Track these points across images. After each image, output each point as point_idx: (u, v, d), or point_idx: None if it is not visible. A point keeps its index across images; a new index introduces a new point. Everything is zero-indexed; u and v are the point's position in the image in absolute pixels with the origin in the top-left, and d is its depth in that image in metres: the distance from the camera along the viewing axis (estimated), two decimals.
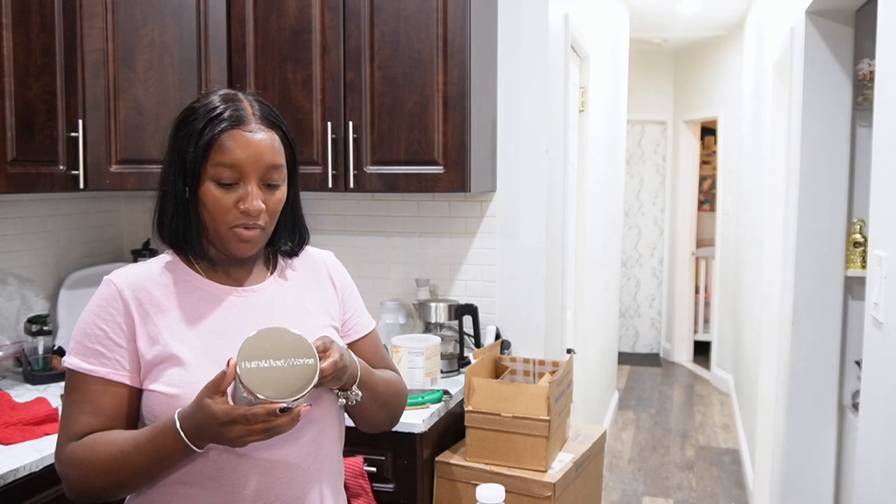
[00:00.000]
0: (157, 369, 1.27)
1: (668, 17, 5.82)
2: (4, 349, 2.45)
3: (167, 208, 1.32)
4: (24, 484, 1.78)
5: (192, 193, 1.29)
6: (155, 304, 1.30)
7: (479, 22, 2.50)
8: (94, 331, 1.28)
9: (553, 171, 2.90)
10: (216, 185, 1.27)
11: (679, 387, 6.55)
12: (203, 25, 2.50)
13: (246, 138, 1.27)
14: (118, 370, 1.27)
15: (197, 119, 1.28)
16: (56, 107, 2.30)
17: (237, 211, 1.28)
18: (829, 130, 2.84)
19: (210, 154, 1.26)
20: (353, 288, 1.56)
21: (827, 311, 2.90)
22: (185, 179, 1.28)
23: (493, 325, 2.75)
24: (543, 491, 2.09)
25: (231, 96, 1.31)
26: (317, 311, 1.44)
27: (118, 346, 1.27)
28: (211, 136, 1.26)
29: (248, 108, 1.30)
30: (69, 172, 2.35)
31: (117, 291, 1.29)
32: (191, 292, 1.33)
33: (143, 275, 1.33)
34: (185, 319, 1.30)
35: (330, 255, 1.55)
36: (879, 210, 1.78)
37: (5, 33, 2.10)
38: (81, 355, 1.27)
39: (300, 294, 1.43)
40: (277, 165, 1.31)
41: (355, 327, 1.52)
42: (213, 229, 1.30)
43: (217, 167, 1.26)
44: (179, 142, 1.29)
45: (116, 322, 1.27)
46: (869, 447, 1.80)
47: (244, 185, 1.28)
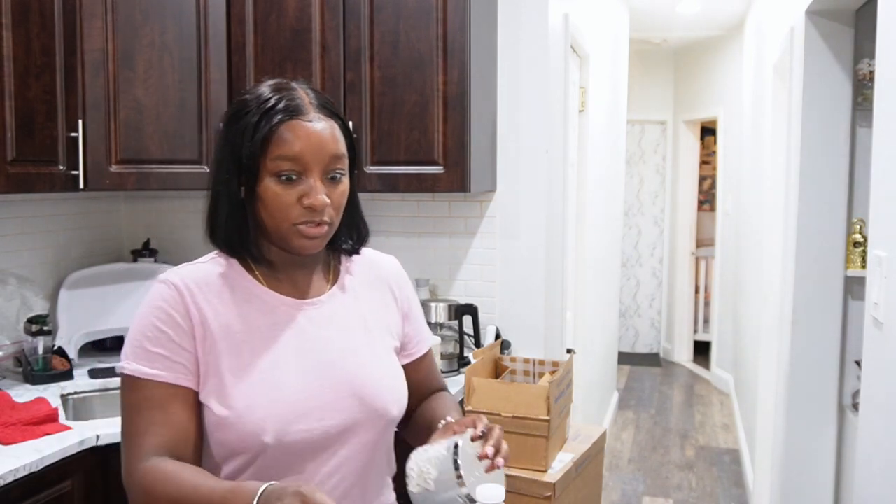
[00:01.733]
0: (211, 383, 1.19)
1: (668, 17, 5.82)
2: (4, 349, 2.45)
3: (221, 209, 1.22)
4: (24, 484, 1.78)
5: (249, 192, 1.20)
6: (212, 309, 1.22)
7: (479, 22, 2.50)
8: (155, 333, 1.19)
9: (553, 170, 2.90)
10: (276, 181, 1.18)
11: (679, 387, 6.55)
12: (203, 25, 2.50)
13: (306, 128, 1.18)
14: (185, 374, 1.19)
15: (250, 112, 1.19)
16: (56, 107, 2.29)
17: (300, 207, 1.18)
18: (828, 130, 2.84)
19: (268, 147, 1.17)
20: (416, 301, 1.46)
21: (827, 310, 2.90)
22: (241, 177, 1.19)
23: (493, 325, 2.75)
24: (543, 491, 2.09)
25: (284, 85, 1.23)
26: (376, 328, 1.34)
27: (182, 349, 1.19)
28: (268, 128, 1.17)
29: (304, 96, 1.21)
30: (69, 172, 2.35)
31: (177, 292, 1.21)
32: (249, 301, 1.24)
33: (200, 277, 1.24)
34: (241, 330, 1.22)
35: (393, 263, 1.44)
36: (879, 210, 1.78)
37: (5, 33, 2.09)
38: (143, 360, 1.18)
39: (360, 307, 1.34)
40: (340, 155, 1.22)
41: (417, 346, 1.43)
42: (275, 228, 1.20)
43: (276, 161, 1.17)
44: (232, 137, 1.20)
45: (178, 324, 1.19)
46: (869, 447, 1.80)
47: (306, 179, 1.18)
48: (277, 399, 1.19)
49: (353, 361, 1.27)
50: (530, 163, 2.76)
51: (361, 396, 1.25)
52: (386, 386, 1.29)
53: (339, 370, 1.25)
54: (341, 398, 1.24)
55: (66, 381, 2.43)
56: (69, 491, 1.92)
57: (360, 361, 1.28)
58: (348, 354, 1.27)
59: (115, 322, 2.75)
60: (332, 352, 1.26)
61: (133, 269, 2.89)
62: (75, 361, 2.56)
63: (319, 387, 1.23)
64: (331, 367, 1.25)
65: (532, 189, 2.76)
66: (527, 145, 2.76)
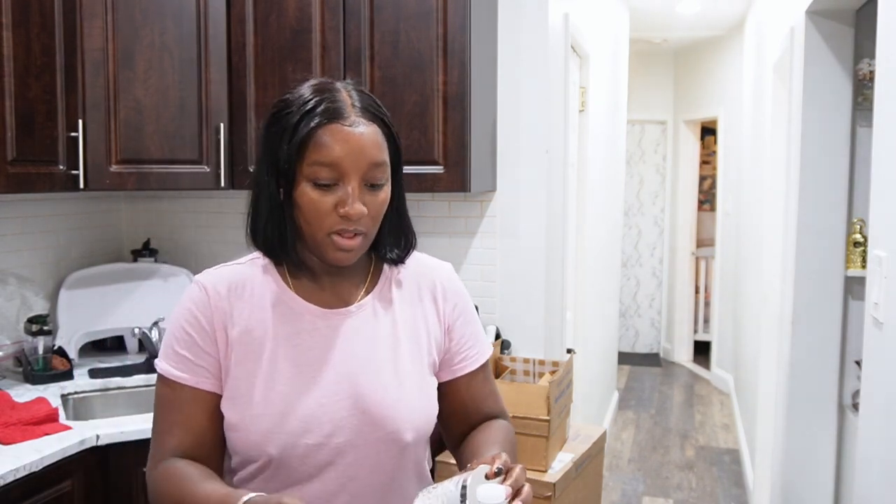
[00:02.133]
0: (227, 386, 1.19)
1: (669, 17, 5.82)
2: (4, 349, 2.45)
3: (261, 212, 1.19)
4: (24, 483, 1.78)
5: (287, 196, 1.16)
6: (237, 313, 1.20)
7: (479, 22, 2.50)
8: (183, 335, 1.20)
9: (553, 170, 2.90)
10: (313, 187, 1.13)
11: (679, 387, 6.55)
12: (203, 25, 2.50)
13: (345, 133, 1.13)
14: (206, 378, 1.19)
15: (291, 113, 1.15)
16: (56, 107, 2.29)
17: (336, 215, 1.14)
18: (829, 130, 2.84)
19: (306, 152, 1.13)
20: (469, 311, 1.35)
21: (827, 310, 2.90)
22: (279, 180, 1.16)
23: (494, 325, 2.75)
24: (543, 491, 2.09)
25: (326, 86, 1.18)
26: (409, 342, 1.27)
27: (205, 353, 1.19)
28: (306, 131, 1.13)
29: (347, 98, 1.16)
30: (69, 172, 2.35)
31: (206, 295, 1.20)
32: (274, 306, 1.22)
33: (233, 280, 1.23)
34: (260, 336, 1.20)
35: (445, 271, 1.36)
36: (879, 210, 1.78)
37: (5, 33, 2.10)
38: (172, 360, 1.20)
39: (394, 319, 1.27)
40: (380, 163, 1.17)
41: (463, 361, 1.33)
42: (310, 235, 1.17)
43: (314, 166, 1.13)
44: (272, 139, 1.17)
45: (203, 327, 1.19)
46: (869, 447, 1.80)
47: (344, 186, 1.14)
48: (288, 411, 1.17)
49: (372, 378, 1.22)
50: (530, 163, 2.76)
51: (373, 417, 1.20)
52: (403, 408, 1.22)
53: (356, 386, 1.20)
54: (353, 416, 1.19)
55: (66, 380, 2.43)
56: (69, 491, 1.92)
57: (379, 379, 1.22)
58: (369, 370, 1.22)
59: (116, 322, 2.75)
60: (351, 366, 1.21)
61: (133, 269, 2.89)
62: (75, 361, 2.56)
63: (333, 402, 1.19)
64: (347, 383, 1.20)
65: (532, 189, 2.76)
66: (527, 145, 2.76)
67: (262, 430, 1.16)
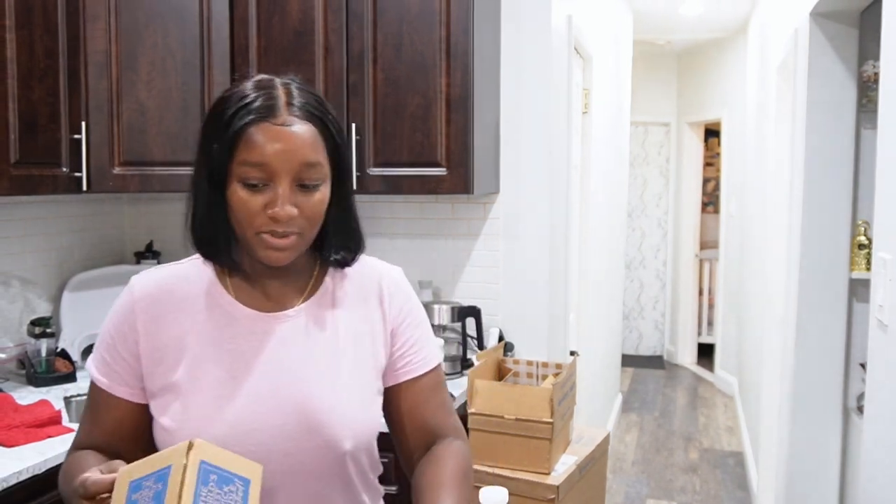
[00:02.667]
0: (160, 395, 1.17)
1: (672, 19, 5.82)
2: (7, 351, 2.45)
3: (198, 212, 1.17)
4: (27, 486, 1.78)
5: (221, 195, 1.13)
6: (169, 318, 1.18)
7: (482, 24, 2.50)
8: (107, 338, 1.20)
9: (556, 172, 2.89)
10: (242, 186, 1.10)
11: (683, 389, 6.54)
12: (206, 27, 2.50)
13: (276, 131, 1.09)
14: (119, 384, 1.19)
15: (226, 109, 1.12)
16: (59, 109, 2.30)
17: (265, 216, 1.11)
18: (833, 132, 2.84)
19: (236, 150, 1.10)
20: (416, 314, 1.31)
21: (831, 313, 2.89)
22: (212, 179, 1.13)
23: (497, 328, 2.75)
24: (547, 493, 2.08)
25: (265, 83, 1.14)
26: (351, 348, 1.23)
27: (122, 360, 1.18)
28: (237, 129, 1.09)
29: (283, 96, 1.12)
30: (72, 174, 2.35)
31: (132, 301, 1.19)
32: (210, 309, 1.19)
33: (167, 283, 1.20)
34: (194, 342, 1.17)
35: (393, 274, 1.32)
36: (884, 212, 1.77)
37: (8, 35, 2.10)
38: (95, 361, 1.22)
39: (336, 324, 1.23)
40: (314, 163, 1.12)
41: (407, 366, 1.28)
42: (241, 234, 1.14)
43: (243, 166, 1.10)
44: (207, 136, 1.14)
45: (124, 333, 1.18)
46: (874, 450, 1.79)
47: (274, 187, 1.10)
48: (216, 418, 1.14)
49: (309, 385, 1.17)
50: (533, 165, 2.76)
51: (310, 424, 1.15)
52: (341, 415, 1.17)
53: (292, 393, 1.16)
54: (288, 423, 1.15)
55: (68, 383, 2.43)
56: None
57: (316, 385, 1.18)
58: (306, 376, 1.18)
59: None
60: (288, 372, 1.18)
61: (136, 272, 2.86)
62: (78, 363, 2.56)
63: (266, 408, 1.15)
64: (283, 389, 1.16)
65: (535, 191, 2.76)
66: (530, 147, 2.76)
67: (191, 434, 1.07)
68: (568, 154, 3.18)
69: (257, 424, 1.14)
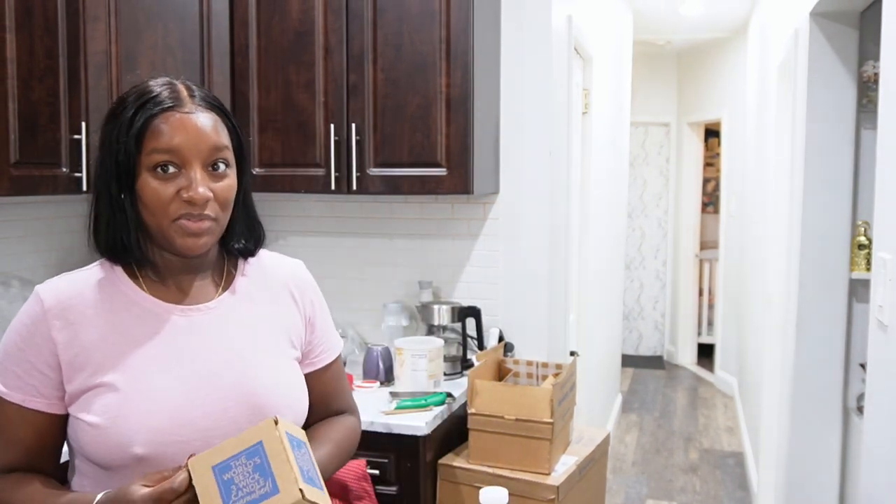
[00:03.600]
0: (84, 396, 1.15)
1: (672, 19, 5.81)
2: None
3: (102, 213, 1.17)
4: None
5: (129, 191, 1.14)
6: (86, 322, 1.17)
7: (482, 24, 2.50)
8: (14, 351, 1.16)
9: (556, 173, 2.89)
10: (153, 175, 1.13)
11: (683, 389, 6.54)
12: (206, 28, 2.50)
13: (183, 119, 1.14)
14: (35, 397, 1.15)
15: (127, 107, 1.14)
16: (59, 109, 2.29)
17: (180, 201, 1.13)
18: (833, 132, 2.84)
19: (144, 141, 1.12)
20: (324, 305, 1.40)
21: (831, 313, 2.89)
22: (120, 177, 1.14)
23: (497, 328, 2.75)
24: (547, 494, 2.08)
25: (165, 81, 1.19)
26: (272, 335, 1.29)
27: (37, 371, 1.15)
28: (143, 120, 1.12)
29: (184, 89, 1.17)
30: (72, 175, 2.35)
31: (42, 310, 1.16)
32: (127, 308, 1.19)
33: (76, 288, 1.18)
34: (118, 341, 1.17)
35: (297, 267, 1.39)
36: (884, 212, 1.77)
37: (8, 36, 2.10)
38: (3, 378, 1.16)
39: (253, 313, 1.28)
40: (221, 146, 1.17)
41: (322, 353, 1.38)
42: (156, 226, 1.15)
43: (152, 154, 1.12)
44: (109, 135, 1.15)
45: (37, 344, 1.15)
46: (874, 450, 1.79)
47: (186, 172, 1.13)
48: (152, 409, 1.14)
49: (242, 369, 1.22)
50: (533, 165, 2.76)
51: (251, 405, 1.20)
52: (279, 395, 1.23)
53: (226, 378, 1.20)
54: (228, 407, 1.18)
55: None
56: None
57: (249, 369, 1.22)
58: (236, 362, 1.22)
59: None
60: (217, 360, 1.21)
61: None
62: None
63: (202, 395, 1.18)
64: (216, 376, 1.20)
65: (535, 191, 2.76)
66: (530, 147, 2.76)
67: (125, 430, 1.12)
68: (568, 154, 3.18)
69: (199, 412, 1.17)
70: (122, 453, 1.13)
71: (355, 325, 2.89)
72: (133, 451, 1.12)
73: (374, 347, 2.53)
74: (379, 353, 2.51)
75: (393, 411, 2.21)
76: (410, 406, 2.23)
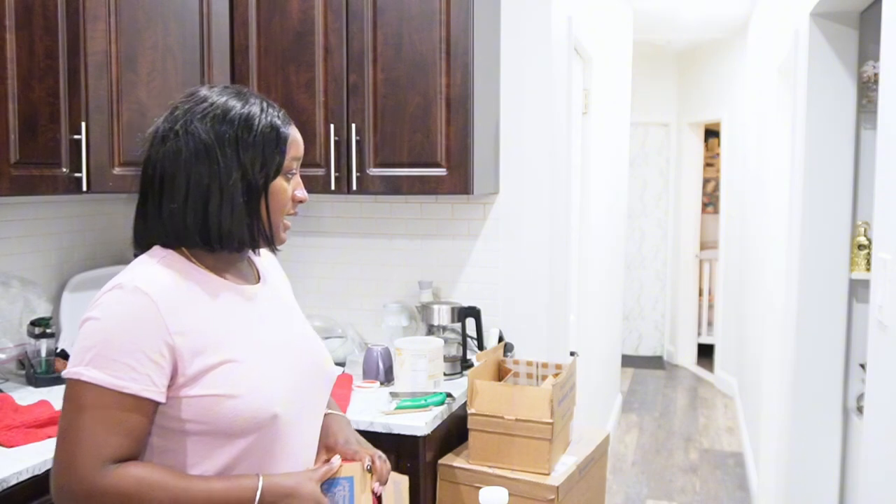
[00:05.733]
0: (210, 375, 1.24)
1: (672, 20, 5.82)
2: (7, 352, 2.45)
3: (224, 209, 1.27)
4: (27, 486, 1.78)
5: (255, 192, 1.30)
6: (187, 307, 1.25)
7: (482, 24, 2.50)
8: (124, 343, 1.19)
9: (556, 173, 2.89)
10: (285, 178, 1.34)
11: (683, 389, 6.54)
12: (206, 28, 2.50)
13: (298, 134, 1.38)
14: (149, 386, 1.20)
15: (261, 120, 1.31)
16: (59, 109, 2.30)
17: (293, 200, 1.36)
18: (833, 133, 2.84)
19: (287, 149, 1.33)
20: None
21: (831, 313, 2.89)
22: (265, 179, 1.31)
23: (497, 328, 2.75)
24: (547, 494, 2.08)
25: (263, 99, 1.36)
26: (295, 306, 1.51)
27: (151, 361, 1.20)
28: (286, 132, 1.34)
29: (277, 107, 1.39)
30: (72, 175, 2.35)
31: (151, 301, 1.21)
32: (213, 291, 1.30)
33: (166, 279, 1.26)
34: (218, 319, 1.28)
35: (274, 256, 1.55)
36: (884, 213, 1.77)
37: (8, 36, 2.10)
38: (107, 369, 1.18)
39: (280, 290, 1.49)
40: None
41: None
42: (274, 221, 1.33)
43: (292, 160, 1.35)
44: (246, 145, 1.29)
45: (150, 334, 1.20)
46: (874, 450, 1.79)
47: (296, 176, 1.38)
48: (276, 375, 1.30)
49: (302, 335, 1.44)
50: (533, 165, 2.76)
51: (318, 364, 1.42)
52: (326, 353, 1.47)
53: (301, 346, 1.41)
54: (307, 368, 1.38)
55: None
56: None
57: (305, 334, 1.45)
58: (297, 329, 1.44)
59: None
60: (291, 331, 1.42)
61: None
62: None
63: (293, 359, 1.36)
64: (293, 342, 1.39)
65: (535, 191, 2.76)
66: (530, 148, 2.76)
67: (266, 395, 1.27)
68: (568, 155, 3.18)
69: (298, 375, 1.36)
70: (263, 415, 1.26)
71: (355, 325, 2.89)
72: (273, 411, 1.27)
73: (374, 347, 2.53)
74: (379, 353, 2.51)
75: (393, 411, 2.21)
76: (410, 406, 2.22)
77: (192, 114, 1.28)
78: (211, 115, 1.28)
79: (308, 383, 1.38)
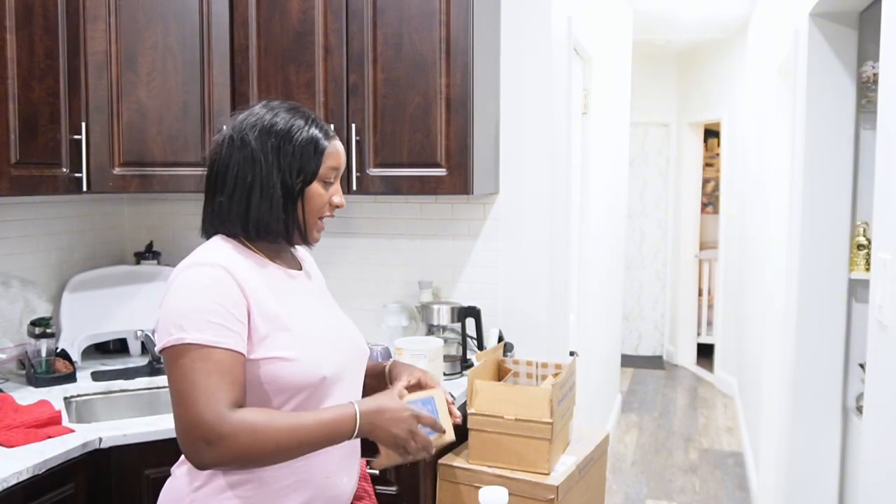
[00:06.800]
0: (272, 338, 1.44)
1: (672, 20, 5.82)
2: (7, 352, 2.45)
3: (262, 208, 1.50)
4: (27, 486, 1.78)
5: (291, 192, 1.51)
6: (251, 282, 1.46)
7: (481, 24, 2.50)
8: (214, 307, 1.39)
9: (556, 173, 2.89)
10: (322, 185, 1.54)
11: (682, 389, 6.54)
12: (206, 28, 2.50)
13: (340, 147, 1.57)
14: (240, 342, 1.41)
15: (301, 133, 1.51)
16: (59, 109, 2.30)
17: (329, 205, 1.56)
18: (832, 133, 2.84)
19: (324, 159, 1.53)
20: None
21: (831, 313, 2.89)
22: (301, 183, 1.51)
23: (496, 328, 2.75)
24: (546, 494, 2.08)
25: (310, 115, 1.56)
26: (330, 295, 1.72)
27: (237, 321, 1.41)
28: (326, 144, 1.53)
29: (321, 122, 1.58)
30: (72, 175, 2.35)
31: (227, 272, 1.42)
32: (268, 272, 1.53)
33: (231, 258, 1.47)
34: (274, 295, 1.49)
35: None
36: (883, 213, 1.77)
37: (9, 36, 2.10)
38: (206, 331, 1.37)
39: (318, 279, 1.72)
40: None
41: None
42: (309, 221, 1.54)
43: (329, 170, 1.54)
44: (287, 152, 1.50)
45: (233, 299, 1.41)
46: (873, 450, 1.79)
47: (335, 184, 1.57)
48: (323, 344, 1.52)
49: (340, 317, 1.67)
50: (533, 165, 2.76)
51: (355, 341, 1.65)
52: (360, 335, 1.69)
53: (337, 321, 1.64)
54: (346, 344, 1.60)
55: (69, 383, 2.43)
56: (72, 493, 1.92)
57: (342, 317, 1.68)
58: (334, 310, 1.68)
59: (118, 325, 2.75)
60: (327, 310, 1.65)
61: (136, 272, 2.89)
62: (78, 364, 2.56)
63: (336, 333, 1.59)
64: (333, 319, 1.63)
65: (535, 191, 2.76)
66: (530, 148, 2.76)
67: (316, 359, 1.47)
68: (568, 155, 3.18)
69: (340, 344, 1.58)
70: (314, 376, 1.47)
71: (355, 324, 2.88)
72: (322, 373, 1.48)
73: (374, 347, 2.53)
74: (379, 353, 2.51)
75: None
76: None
77: (246, 124, 1.52)
78: (260, 126, 1.51)
79: (348, 354, 1.59)
